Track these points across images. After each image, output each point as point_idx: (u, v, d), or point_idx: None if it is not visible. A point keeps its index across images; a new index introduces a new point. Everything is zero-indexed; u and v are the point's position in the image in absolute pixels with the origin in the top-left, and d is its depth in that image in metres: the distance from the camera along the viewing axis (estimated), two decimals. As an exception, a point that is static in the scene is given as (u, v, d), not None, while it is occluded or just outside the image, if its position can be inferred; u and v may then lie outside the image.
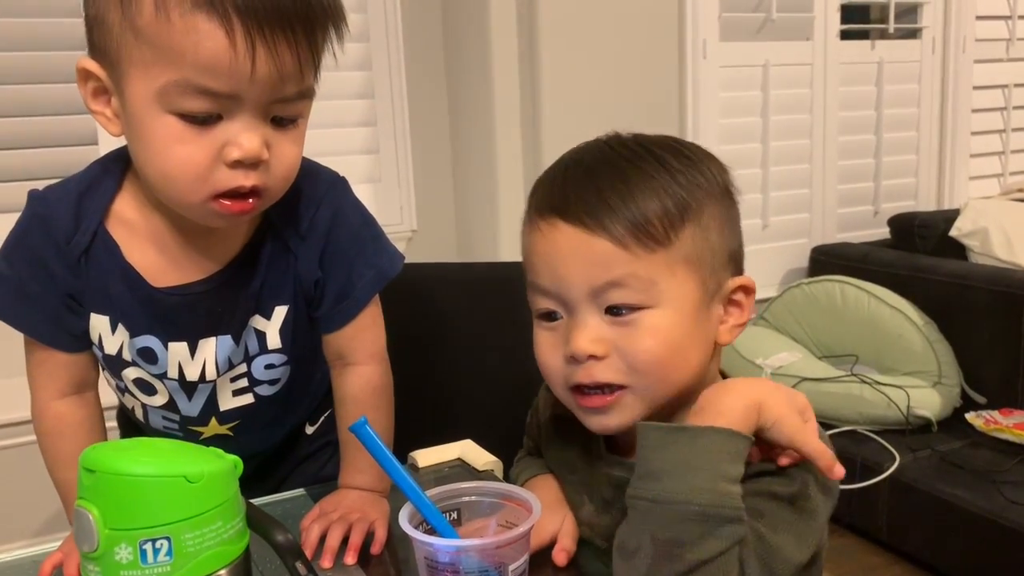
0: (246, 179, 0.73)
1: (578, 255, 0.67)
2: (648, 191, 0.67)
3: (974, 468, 1.98)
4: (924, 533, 2.00)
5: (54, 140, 1.90)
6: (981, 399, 2.25)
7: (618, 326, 0.67)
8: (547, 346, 0.71)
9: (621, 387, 0.69)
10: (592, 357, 0.67)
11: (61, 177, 0.86)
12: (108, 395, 0.95)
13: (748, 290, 0.72)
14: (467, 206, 2.36)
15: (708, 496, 0.60)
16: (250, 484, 0.95)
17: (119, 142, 0.85)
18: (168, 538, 0.55)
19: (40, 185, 0.84)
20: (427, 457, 0.99)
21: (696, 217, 0.68)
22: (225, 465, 0.58)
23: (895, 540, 2.07)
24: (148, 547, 0.54)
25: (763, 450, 0.67)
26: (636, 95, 2.28)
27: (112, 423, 1.06)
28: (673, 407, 0.72)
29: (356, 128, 2.24)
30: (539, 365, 0.72)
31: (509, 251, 2.22)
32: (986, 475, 1.94)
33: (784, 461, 0.66)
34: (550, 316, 0.71)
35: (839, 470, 0.65)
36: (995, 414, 2.15)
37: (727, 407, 0.64)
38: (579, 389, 0.70)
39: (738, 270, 0.73)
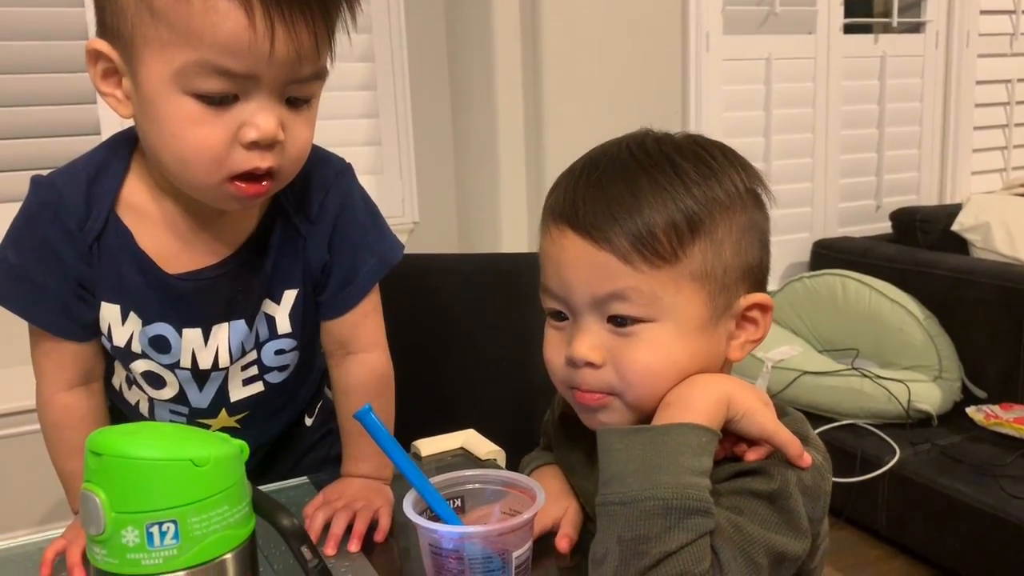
0: (262, 160, 0.72)
1: (583, 265, 0.67)
2: (658, 204, 0.65)
3: (974, 462, 1.98)
4: (924, 527, 2.00)
5: (57, 130, 1.90)
6: (982, 393, 2.26)
7: (618, 336, 0.67)
8: (553, 344, 0.71)
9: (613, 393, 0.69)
10: (589, 364, 0.67)
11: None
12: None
13: (764, 308, 0.70)
14: (469, 198, 2.36)
15: (671, 490, 0.60)
16: (255, 477, 0.95)
17: (122, 129, 0.84)
18: (175, 521, 0.55)
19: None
20: (430, 446, 1.00)
21: (709, 233, 0.66)
22: (231, 449, 0.58)
23: (895, 533, 2.08)
24: (155, 530, 0.55)
25: (727, 447, 0.67)
26: (639, 88, 2.27)
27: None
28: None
29: (358, 120, 2.23)
30: (545, 361, 0.72)
31: (511, 242, 2.22)
32: (986, 469, 1.95)
33: (751, 456, 0.66)
34: (558, 316, 0.71)
35: (807, 458, 0.65)
36: (995, 408, 2.16)
37: (695, 401, 0.64)
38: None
39: (756, 285, 0.70)
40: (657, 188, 0.66)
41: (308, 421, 1.06)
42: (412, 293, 1.25)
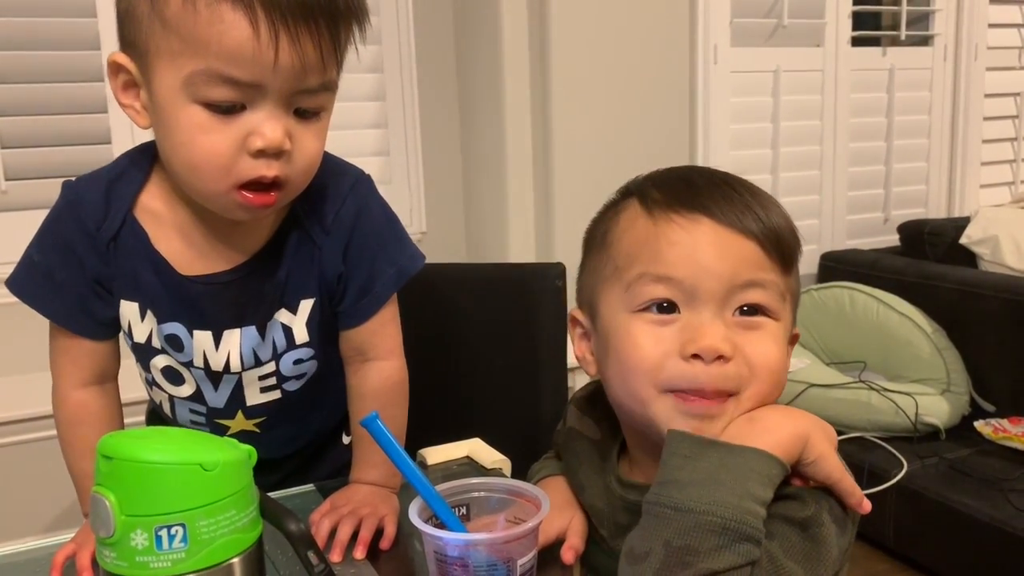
0: (268, 169, 0.74)
1: (724, 251, 0.66)
2: (774, 210, 0.69)
3: (982, 476, 1.98)
4: (931, 540, 1.99)
5: (69, 139, 1.92)
6: (990, 407, 2.25)
7: (744, 329, 0.66)
8: (650, 338, 0.66)
9: (731, 394, 0.66)
10: (720, 358, 0.64)
11: (74, 175, 0.87)
12: (131, 390, 0.96)
13: (795, 339, 0.72)
14: (477, 208, 2.37)
15: (731, 510, 0.59)
16: (292, 486, 0.95)
17: (133, 141, 0.86)
18: (183, 525, 0.55)
19: (55, 183, 0.86)
20: (436, 455, 1.00)
21: (799, 258, 0.71)
22: (240, 454, 0.59)
23: (902, 547, 2.07)
24: (163, 533, 0.55)
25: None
26: (647, 99, 2.28)
27: (139, 417, 1.07)
28: None
29: (367, 130, 2.25)
30: (629, 358, 0.67)
31: (518, 252, 2.23)
32: (994, 483, 1.94)
33: (798, 482, 0.65)
34: (664, 308, 0.66)
35: (867, 505, 0.66)
36: (1004, 422, 2.15)
37: (777, 426, 0.64)
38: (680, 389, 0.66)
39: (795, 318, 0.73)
40: (767, 198, 0.69)
41: (345, 440, 1.06)
42: (419, 302, 1.25)
